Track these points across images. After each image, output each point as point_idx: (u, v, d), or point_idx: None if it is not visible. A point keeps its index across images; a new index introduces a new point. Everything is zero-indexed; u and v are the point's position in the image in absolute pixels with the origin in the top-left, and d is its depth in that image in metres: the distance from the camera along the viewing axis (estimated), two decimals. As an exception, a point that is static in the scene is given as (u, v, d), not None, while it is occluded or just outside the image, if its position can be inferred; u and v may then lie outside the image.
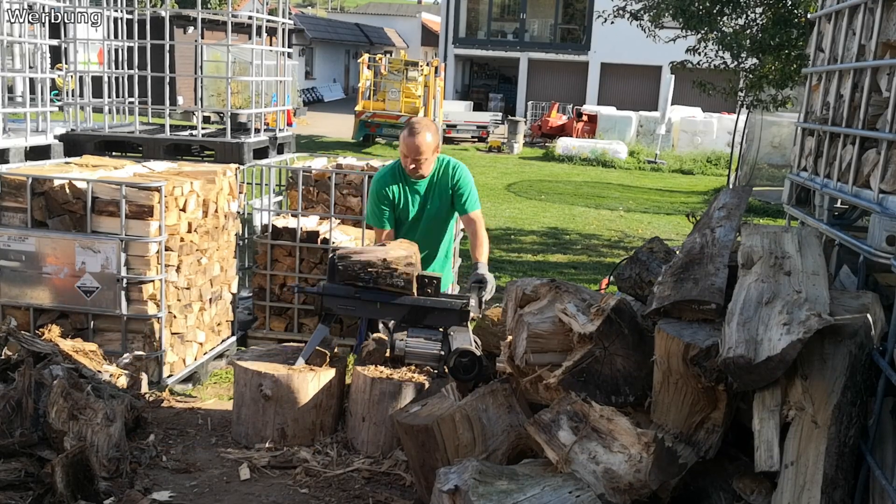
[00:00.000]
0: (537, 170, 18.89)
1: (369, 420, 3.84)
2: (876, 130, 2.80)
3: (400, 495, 3.51)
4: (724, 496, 2.60)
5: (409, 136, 4.05)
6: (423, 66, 21.00)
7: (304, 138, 20.07)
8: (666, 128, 22.20)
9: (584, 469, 2.53)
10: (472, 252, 4.29)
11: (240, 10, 19.72)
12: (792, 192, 3.84)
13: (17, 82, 9.25)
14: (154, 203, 4.40)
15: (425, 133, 4.05)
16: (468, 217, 4.31)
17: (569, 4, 33.05)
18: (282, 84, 7.79)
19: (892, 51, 2.80)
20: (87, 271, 4.43)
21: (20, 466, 3.21)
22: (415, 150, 4.04)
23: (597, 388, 2.83)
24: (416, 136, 4.03)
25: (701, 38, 9.86)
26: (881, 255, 2.58)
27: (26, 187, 4.42)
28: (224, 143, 6.77)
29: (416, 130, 4.05)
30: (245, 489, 3.54)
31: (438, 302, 3.87)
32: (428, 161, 4.12)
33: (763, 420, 2.39)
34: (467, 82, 36.16)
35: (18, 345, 3.84)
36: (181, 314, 4.76)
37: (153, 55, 6.98)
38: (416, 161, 4.08)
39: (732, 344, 2.42)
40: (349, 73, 40.84)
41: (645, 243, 3.48)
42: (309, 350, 4.02)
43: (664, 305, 2.78)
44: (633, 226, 12.25)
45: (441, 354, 3.77)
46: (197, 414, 4.38)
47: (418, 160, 4.08)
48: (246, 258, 6.05)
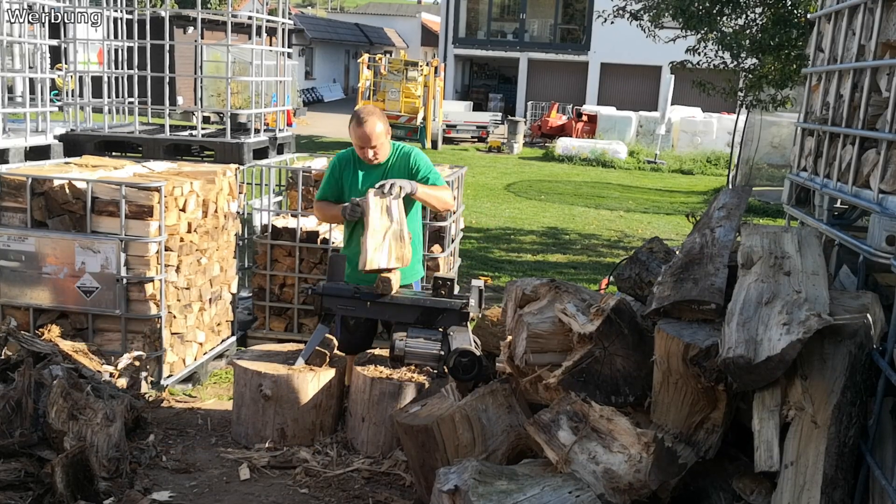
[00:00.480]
0: (537, 170, 18.88)
1: (369, 420, 3.84)
2: (876, 130, 2.80)
3: (400, 495, 3.51)
4: (724, 496, 2.60)
5: (358, 127, 4.07)
6: (423, 66, 20.99)
7: (304, 138, 20.07)
8: (666, 128, 22.19)
9: (584, 469, 2.53)
10: None
11: (240, 10, 19.73)
12: (792, 192, 3.84)
13: (17, 82, 9.25)
14: (154, 203, 4.40)
15: (374, 121, 4.07)
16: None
17: (569, 4, 33.04)
18: (282, 84, 7.78)
19: (892, 51, 2.80)
20: (86, 271, 4.43)
21: (20, 466, 3.21)
22: (367, 138, 4.06)
23: (597, 388, 2.83)
24: (365, 124, 4.05)
25: (701, 38, 9.86)
26: (881, 255, 2.58)
27: (26, 187, 4.42)
28: (224, 143, 6.77)
29: (363, 120, 4.06)
30: (245, 489, 3.54)
31: (438, 302, 3.87)
32: (383, 146, 4.14)
33: (763, 420, 2.40)
34: (467, 82, 36.16)
35: (18, 345, 3.84)
36: (181, 314, 4.76)
37: (153, 55, 6.98)
38: (372, 148, 4.10)
39: (732, 344, 2.42)
40: (349, 73, 40.83)
41: (645, 243, 3.49)
42: (309, 350, 4.02)
43: (664, 305, 2.78)
44: (633, 226, 12.25)
45: (441, 354, 3.77)
46: (197, 414, 4.38)
47: (374, 147, 4.10)
48: (246, 258, 6.05)
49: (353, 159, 4.25)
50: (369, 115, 4.10)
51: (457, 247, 6.21)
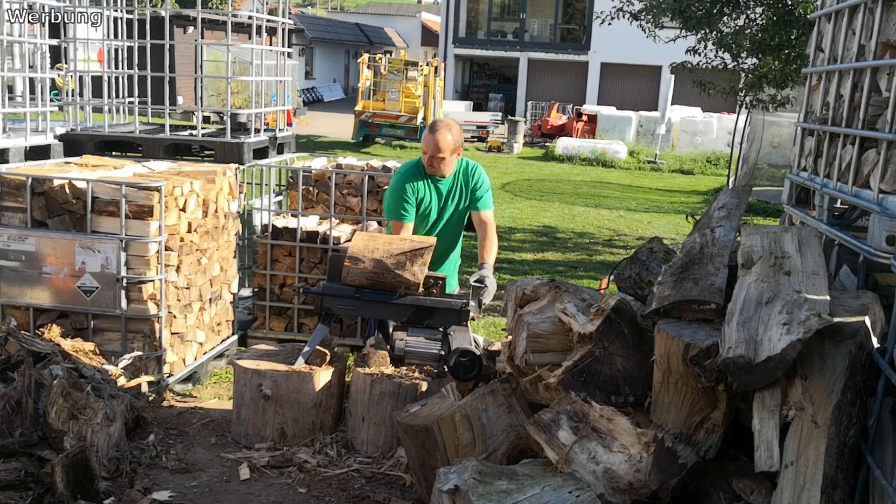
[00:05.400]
0: (537, 170, 18.88)
1: (369, 420, 3.84)
2: (876, 130, 2.80)
3: (400, 495, 3.51)
4: (724, 496, 2.60)
5: (429, 134, 4.08)
6: (423, 66, 20.97)
7: (304, 138, 20.06)
8: (666, 128, 22.19)
9: (584, 469, 2.53)
10: (479, 252, 4.26)
11: (240, 10, 19.71)
12: (792, 192, 3.84)
13: (17, 82, 9.25)
14: (154, 203, 4.40)
15: (445, 132, 4.06)
16: (481, 215, 4.31)
17: (569, 4, 33.03)
18: (282, 84, 7.78)
19: (892, 51, 2.80)
20: (87, 271, 4.43)
21: (20, 466, 3.21)
22: (433, 146, 4.06)
23: (597, 388, 2.83)
24: (436, 133, 4.05)
25: (701, 38, 9.85)
26: (881, 255, 2.58)
27: (26, 187, 4.42)
28: (224, 143, 6.77)
29: (436, 128, 4.07)
30: (245, 489, 3.54)
31: (438, 302, 3.87)
32: (446, 161, 4.12)
33: (763, 420, 2.40)
34: (467, 82, 36.15)
35: (18, 345, 3.83)
36: (181, 314, 4.76)
37: (153, 55, 6.98)
38: (434, 158, 4.09)
39: (732, 344, 2.42)
40: (349, 73, 40.82)
41: (645, 243, 3.48)
42: (309, 350, 4.02)
43: (664, 305, 2.78)
44: (633, 226, 12.25)
45: (441, 354, 3.77)
46: (197, 414, 4.38)
47: (435, 157, 4.08)
48: (246, 258, 6.05)
49: (416, 169, 4.24)
50: (445, 126, 4.11)
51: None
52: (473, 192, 4.28)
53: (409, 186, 4.19)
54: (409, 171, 4.25)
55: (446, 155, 4.08)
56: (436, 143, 4.04)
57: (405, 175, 4.24)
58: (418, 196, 4.21)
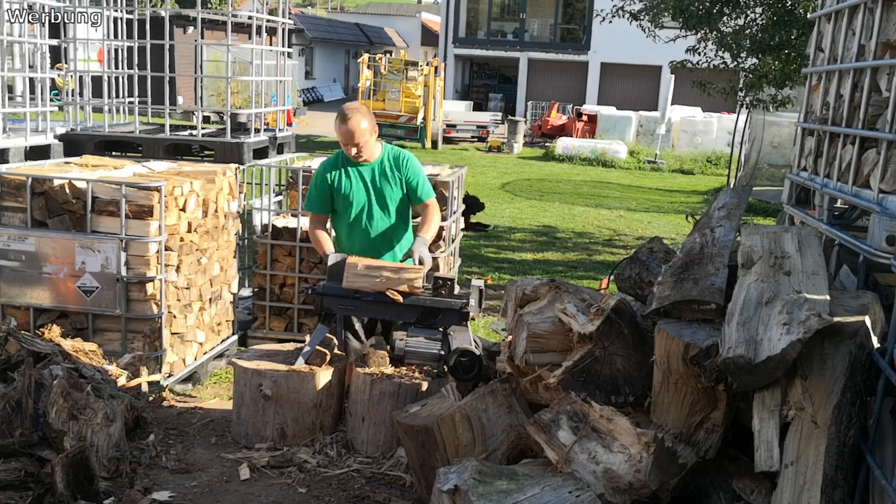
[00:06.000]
0: (537, 170, 18.88)
1: (369, 420, 3.84)
2: (876, 130, 2.80)
3: (400, 495, 3.51)
4: (724, 496, 2.60)
5: (342, 124, 4.08)
6: (423, 66, 20.98)
7: (304, 138, 20.06)
8: (666, 128, 22.18)
9: (584, 469, 2.53)
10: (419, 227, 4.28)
11: (240, 10, 19.70)
12: (792, 192, 3.84)
13: (17, 82, 9.25)
14: (154, 203, 4.40)
15: (357, 117, 4.07)
16: (423, 205, 4.32)
17: (569, 4, 33.02)
18: (282, 84, 7.78)
19: (892, 51, 2.80)
20: (87, 271, 4.43)
21: (20, 466, 3.21)
22: (350, 135, 4.07)
23: (597, 388, 2.83)
24: (349, 121, 4.06)
25: (701, 38, 9.85)
26: (881, 255, 2.58)
27: (26, 187, 4.42)
28: (224, 143, 6.77)
29: (347, 116, 4.07)
30: (245, 489, 3.54)
31: (438, 302, 3.87)
32: (367, 143, 4.14)
33: (763, 420, 2.40)
34: (467, 82, 36.13)
35: (18, 345, 3.83)
36: (181, 314, 4.76)
37: (153, 55, 6.98)
38: (356, 146, 4.11)
39: (732, 344, 2.42)
40: (349, 73, 40.81)
41: (645, 243, 3.48)
42: (309, 350, 4.02)
43: (664, 305, 2.78)
44: (633, 226, 12.25)
45: (441, 354, 3.77)
46: (197, 414, 4.38)
47: (357, 144, 4.10)
48: (246, 258, 6.05)
49: (340, 161, 4.27)
50: (353, 111, 4.11)
51: (457, 246, 6.21)
52: (408, 182, 4.26)
53: (322, 179, 4.26)
54: (327, 165, 4.30)
55: (365, 138, 4.11)
56: (351, 130, 4.06)
57: (322, 168, 4.31)
58: (334, 186, 4.23)
